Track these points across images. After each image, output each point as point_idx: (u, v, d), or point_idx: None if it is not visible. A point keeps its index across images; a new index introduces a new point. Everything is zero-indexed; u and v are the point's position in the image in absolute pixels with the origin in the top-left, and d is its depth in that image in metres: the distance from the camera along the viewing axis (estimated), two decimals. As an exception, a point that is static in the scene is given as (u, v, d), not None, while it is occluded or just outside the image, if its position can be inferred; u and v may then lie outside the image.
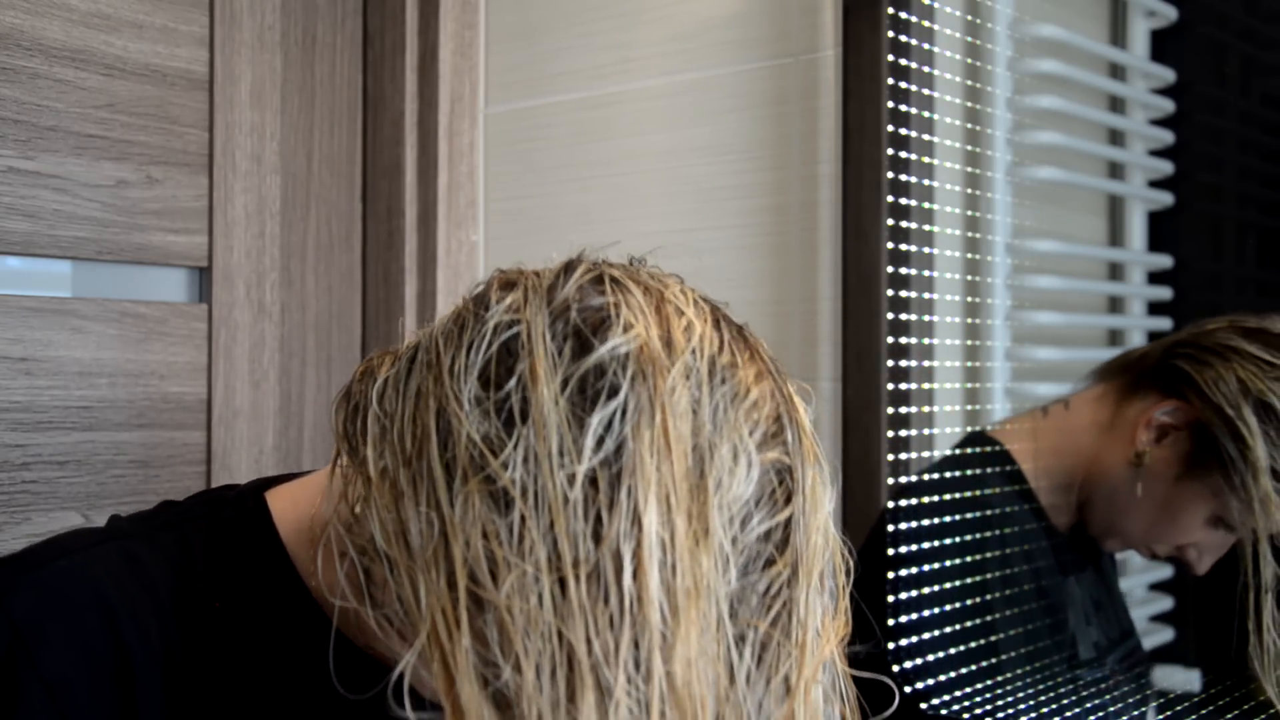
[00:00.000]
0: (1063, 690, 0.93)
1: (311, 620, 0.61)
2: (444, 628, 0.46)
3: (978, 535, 0.94)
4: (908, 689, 0.97)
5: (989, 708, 0.96)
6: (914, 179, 1.02)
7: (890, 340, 1.01)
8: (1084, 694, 0.93)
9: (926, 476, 0.98)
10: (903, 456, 1.00)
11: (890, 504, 0.98)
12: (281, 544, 0.62)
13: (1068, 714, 0.92)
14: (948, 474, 0.97)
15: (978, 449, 0.99)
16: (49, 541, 0.63)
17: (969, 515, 0.95)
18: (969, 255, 1.07)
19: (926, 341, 1.03)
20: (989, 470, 0.97)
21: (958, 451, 1.00)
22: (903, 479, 0.98)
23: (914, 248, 1.02)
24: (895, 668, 0.97)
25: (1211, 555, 0.87)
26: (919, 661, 0.96)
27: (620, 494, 0.46)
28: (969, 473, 0.97)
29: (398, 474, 0.50)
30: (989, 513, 0.95)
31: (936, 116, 1.04)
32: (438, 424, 0.49)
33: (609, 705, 0.44)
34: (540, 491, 0.47)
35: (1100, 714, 0.92)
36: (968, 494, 0.95)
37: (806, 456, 0.52)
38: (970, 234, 1.07)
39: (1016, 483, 0.95)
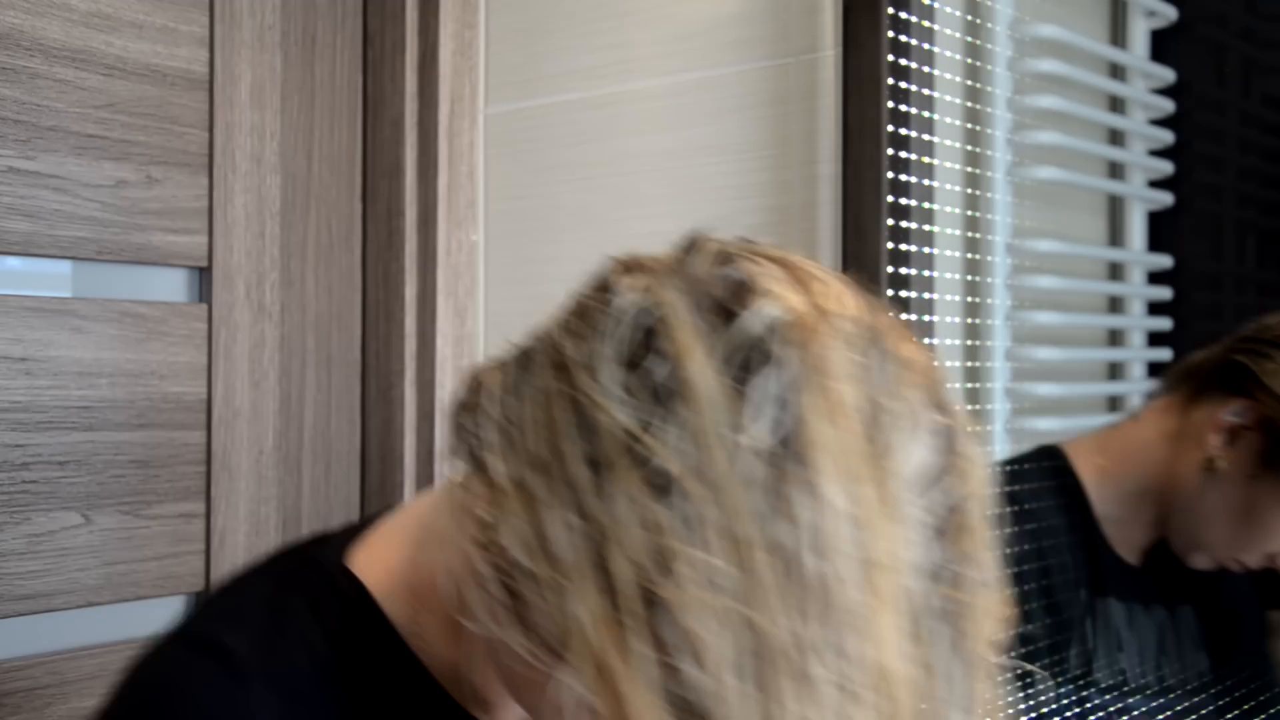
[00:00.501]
0: (1051, 703, 0.91)
1: (426, 690, 0.57)
2: (608, 636, 0.42)
3: (1021, 545, 0.92)
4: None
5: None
6: (914, 179, 1.02)
7: (890, 340, 1.01)
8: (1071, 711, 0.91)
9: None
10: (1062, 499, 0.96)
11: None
12: (388, 622, 0.57)
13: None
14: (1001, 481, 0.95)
15: (1039, 462, 0.95)
16: (182, 708, 0.57)
17: (1013, 525, 0.93)
18: (969, 255, 1.07)
19: (926, 341, 1.03)
20: (1045, 482, 0.93)
21: (1020, 465, 0.96)
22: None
23: (914, 248, 1.02)
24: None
25: None
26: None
27: (798, 466, 0.42)
28: (1022, 485, 0.94)
29: (531, 481, 0.45)
30: (1033, 524, 0.92)
31: (936, 116, 1.04)
32: (576, 419, 0.45)
33: (809, 693, 0.40)
34: (708, 470, 0.42)
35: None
36: (1015, 505, 0.92)
37: (965, 424, 0.48)
38: (970, 234, 1.07)
39: (1071, 495, 0.92)
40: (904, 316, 1.02)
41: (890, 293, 1.02)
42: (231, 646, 0.56)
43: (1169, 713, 0.90)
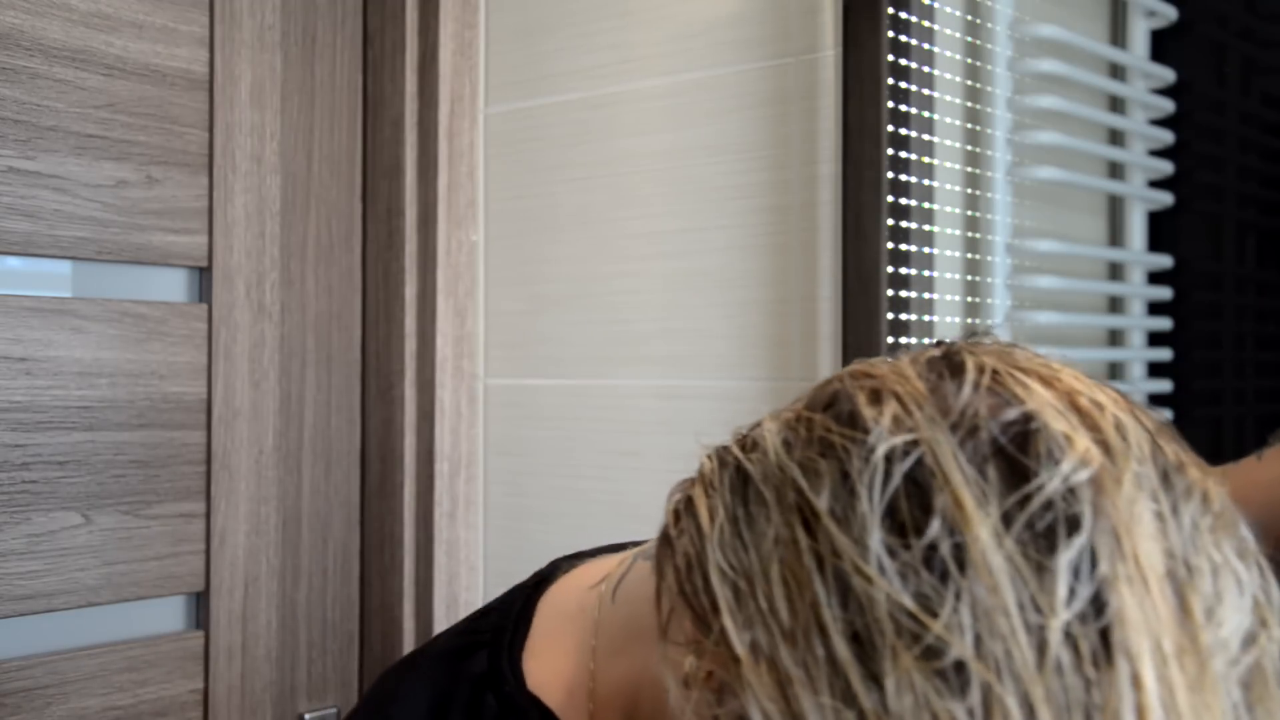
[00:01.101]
0: None
1: None
2: None
3: None
4: None
5: None
6: (914, 179, 1.02)
7: (890, 340, 1.01)
8: None
9: None
10: None
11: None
12: None
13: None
14: None
15: None
16: None
17: None
18: (969, 255, 1.07)
19: (926, 341, 1.03)
20: None
21: None
22: None
23: (914, 248, 1.02)
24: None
25: None
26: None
27: (1109, 649, 0.37)
28: None
29: (777, 653, 0.39)
30: None
31: (936, 116, 1.04)
32: (836, 586, 0.39)
33: None
34: (1008, 657, 0.37)
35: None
36: None
37: (1259, 555, 0.43)
38: (970, 234, 1.07)
39: None
40: (902, 317, 1.01)
41: (890, 293, 1.02)
42: None
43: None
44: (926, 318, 1.03)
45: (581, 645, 0.55)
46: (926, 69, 1.03)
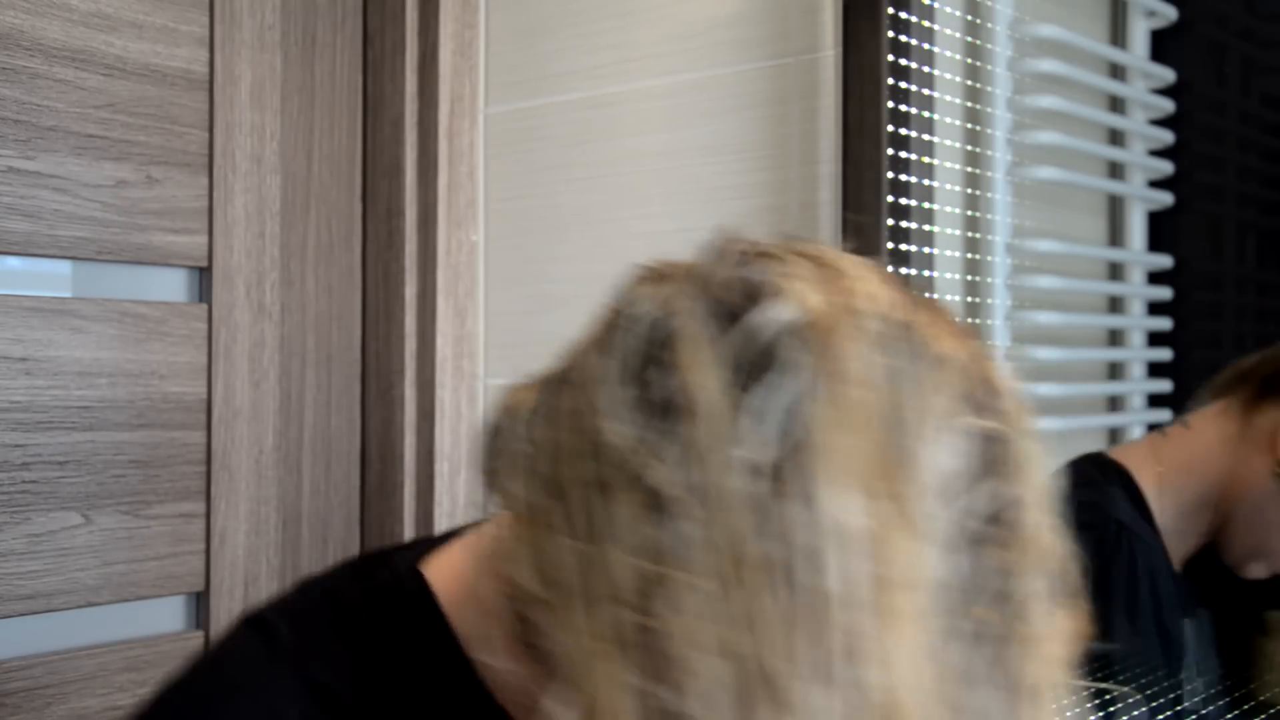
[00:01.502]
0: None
1: (476, 701, 0.55)
2: (599, 666, 0.40)
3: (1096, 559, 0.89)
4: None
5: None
6: (914, 179, 1.02)
7: (890, 340, 1.01)
8: None
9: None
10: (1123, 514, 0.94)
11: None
12: (448, 626, 0.55)
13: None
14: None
15: (1099, 471, 0.93)
16: (213, 671, 0.57)
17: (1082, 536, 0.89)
18: (969, 255, 1.07)
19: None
20: (1117, 494, 0.91)
21: (1082, 475, 0.93)
22: None
23: (914, 248, 1.02)
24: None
25: None
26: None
27: (798, 480, 0.40)
28: (1092, 496, 0.91)
29: (546, 507, 0.43)
30: (1103, 537, 0.89)
31: (936, 116, 1.04)
32: (583, 439, 0.43)
33: None
34: (704, 488, 0.40)
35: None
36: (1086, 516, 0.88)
37: (1016, 423, 0.44)
38: (970, 234, 1.07)
39: (1139, 508, 0.89)
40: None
41: (890, 293, 1.01)
42: (276, 627, 0.56)
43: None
44: (926, 318, 1.03)
45: (480, 552, 0.56)
46: (926, 69, 1.03)
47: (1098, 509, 0.86)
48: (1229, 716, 0.88)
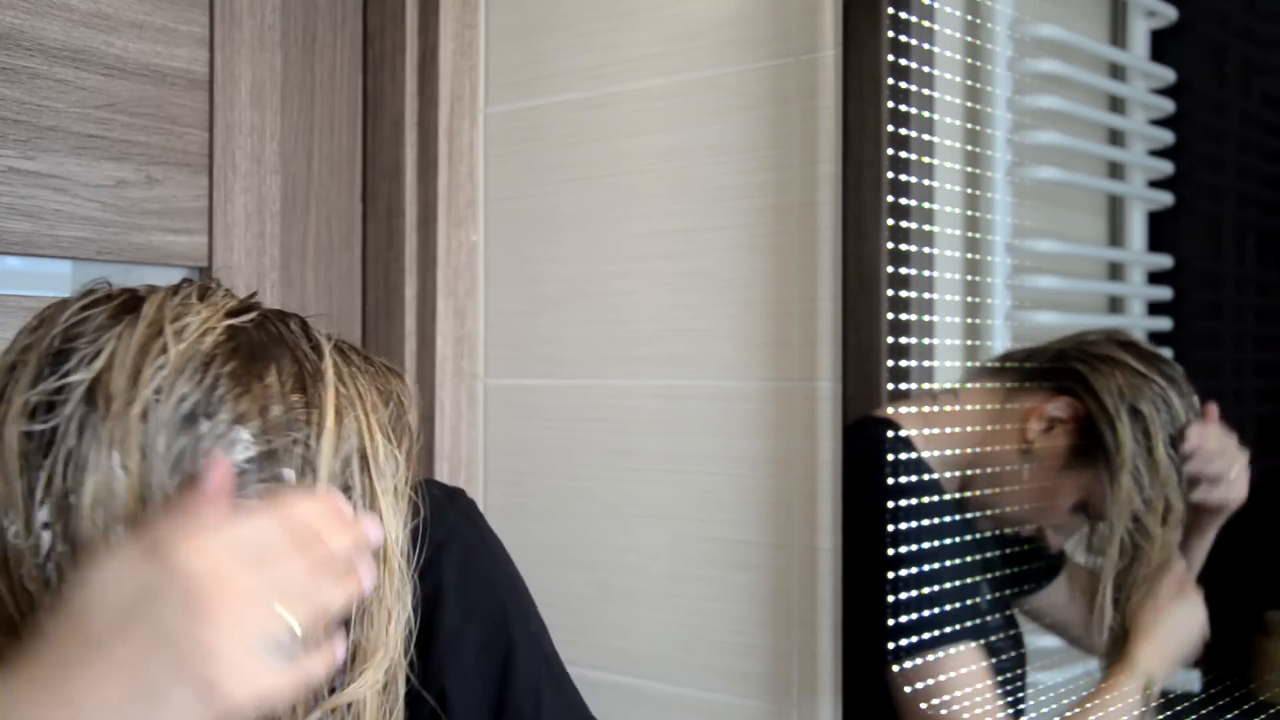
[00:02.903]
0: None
1: None
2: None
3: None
4: (907, 688, 0.97)
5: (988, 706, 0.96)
6: (914, 179, 1.02)
7: (890, 340, 1.01)
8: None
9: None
10: (903, 456, 1.01)
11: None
12: None
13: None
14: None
15: (883, 431, 1.04)
16: None
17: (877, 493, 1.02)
18: (969, 255, 1.07)
19: (926, 341, 1.03)
20: (904, 452, 1.04)
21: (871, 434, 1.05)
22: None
23: (914, 248, 1.02)
24: (895, 667, 0.97)
25: (1065, 537, 1.01)
26: (919, 661, 0.96)
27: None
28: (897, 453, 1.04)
29: None
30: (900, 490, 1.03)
31: (936, 116, 1.04)
32: None
33: None
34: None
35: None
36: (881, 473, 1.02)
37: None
38: (970, 234, 1.07)
39: (920, 466, 1.04)
40: (902, 317, 1.02)
41: (890, 293, 1.02)
42: None
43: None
44: (926, 318, 1.03)
45: None
46: (926, 69, 1.03)
47: (887, 460, 1.02)
48: (1228, 716, 0.88)
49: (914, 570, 0.99)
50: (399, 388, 0.71)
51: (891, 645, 0.97)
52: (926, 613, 0.98)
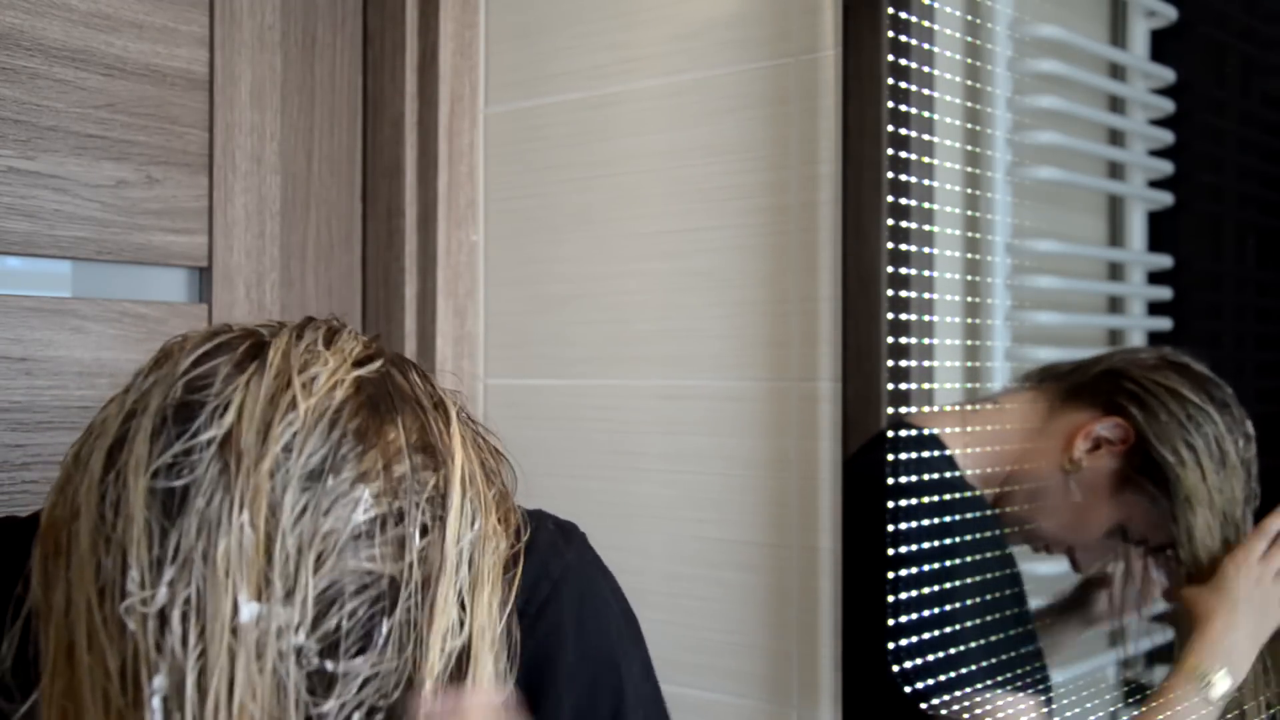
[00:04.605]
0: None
1: None
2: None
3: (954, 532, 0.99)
4: (907, 689, 0.97)
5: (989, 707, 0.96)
6: (914, 179, 1.02)
7: (890, 340, 1.01)
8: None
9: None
10: (903, 457, 1.01)
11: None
12: None
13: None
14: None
15: (920, 431, 1.02)
16: None
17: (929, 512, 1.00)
18: (969, 255, 1.07)
19: (926, 341, 1.03)
20: (940, 457, 1.02)
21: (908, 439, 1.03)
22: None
23: (914, 248, 1.02)
24: (895, 667, 0.97)
25: (1095, 560, 0.97)
26: (919, 661, 0.96)
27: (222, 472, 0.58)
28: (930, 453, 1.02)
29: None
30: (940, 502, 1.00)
31: (936, 116, 1.04)
32: (114, 483, 0.64)
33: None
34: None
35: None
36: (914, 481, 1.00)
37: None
38: (970, 234, 1.07)
39: (953, 469, 1.01)
40: (902, 317, 1.02)
41: (890, 293, 1.02)
42: None
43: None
44: (926, 318, 1.03)
45: None
46: (926, 69, 1.03)
47: (930, 471, 0.99)
48: (1228, 716, 0.88)
49: (946, 585, 0.96)
50: (507, 475, 0.73)
51: (908, 662, 0.95)
52: (947, 630, 0.96)
